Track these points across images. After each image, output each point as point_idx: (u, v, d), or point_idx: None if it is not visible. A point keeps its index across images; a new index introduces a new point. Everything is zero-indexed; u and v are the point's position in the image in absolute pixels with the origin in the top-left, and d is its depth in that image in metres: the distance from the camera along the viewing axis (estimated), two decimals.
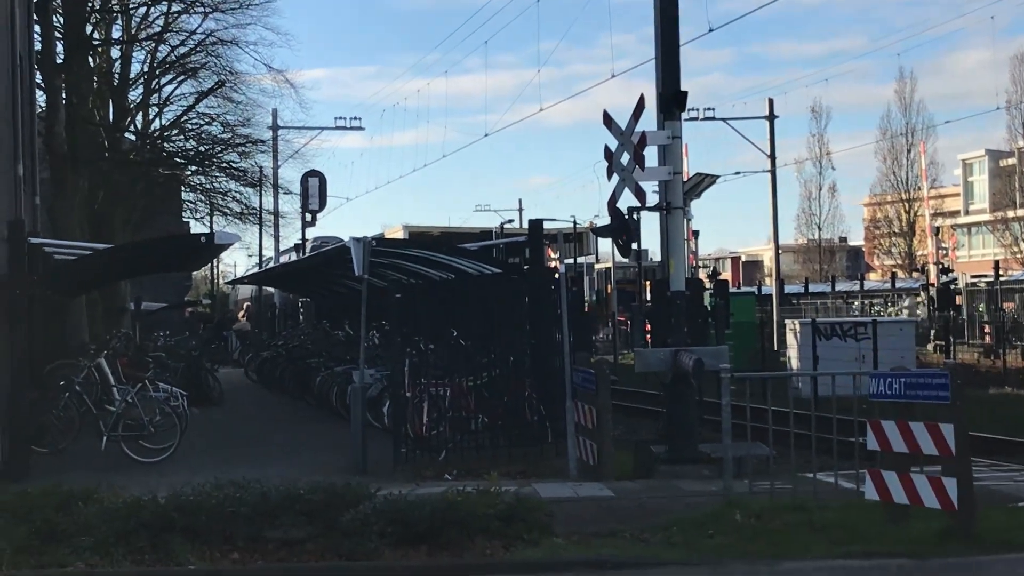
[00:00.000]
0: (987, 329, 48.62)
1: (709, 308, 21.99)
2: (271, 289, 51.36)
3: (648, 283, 37.72)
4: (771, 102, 57.46)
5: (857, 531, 12.15)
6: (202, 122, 46.33)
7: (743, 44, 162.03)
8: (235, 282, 68.52)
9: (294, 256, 49.57)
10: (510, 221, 66.88)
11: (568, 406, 17.13)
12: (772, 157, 52.52)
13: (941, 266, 68.69)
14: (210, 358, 35.51)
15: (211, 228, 44.58)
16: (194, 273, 57.99)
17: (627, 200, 17.90)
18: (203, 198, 47.65)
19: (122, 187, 40.01)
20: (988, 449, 18.64)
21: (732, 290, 50.24)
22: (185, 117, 46.21)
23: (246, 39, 44.61)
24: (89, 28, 42.19)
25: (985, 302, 52.68)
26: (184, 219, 47.27)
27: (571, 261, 46.36)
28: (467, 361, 19.73)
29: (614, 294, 53.34)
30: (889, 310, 59.14)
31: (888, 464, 12.31)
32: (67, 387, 20.55)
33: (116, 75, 44.03)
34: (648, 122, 17.56)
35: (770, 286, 55.64)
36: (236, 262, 64.36)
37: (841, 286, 65.17)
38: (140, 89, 45.43)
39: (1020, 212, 67.59)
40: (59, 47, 39.83)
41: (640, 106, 17.50)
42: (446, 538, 11.55)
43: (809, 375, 20.72)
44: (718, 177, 45.04)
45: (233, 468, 14.82)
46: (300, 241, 53.15)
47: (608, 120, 17.75)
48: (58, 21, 39.67)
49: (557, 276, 19.67)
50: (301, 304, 46.70)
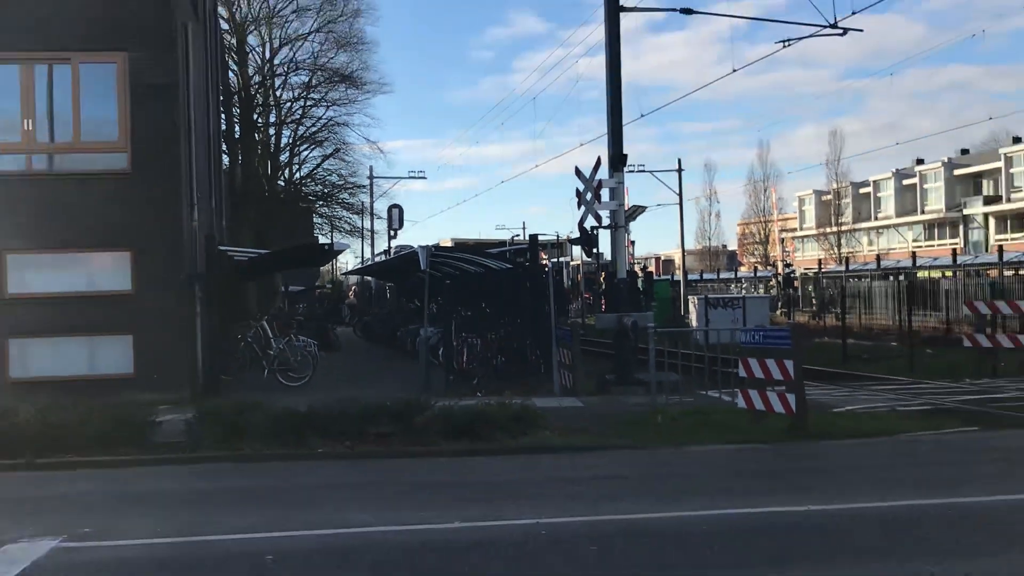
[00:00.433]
0: (813, 302, 48.73)
1: (641, 289, 21.99)
2: (369, 278, 51.06)
3: (603, 274, 37.73)
4: (679, 160, 57.22)
5: (733, 426, 12.18)
6: (325, 174, 46.66)
7: (662, 124, 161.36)
8: (347, 273, 68.44)
9: (383, 257, 49.47)
10: (517, 235, 66.21)
11: (554, 351, 17.16)
12: (680, 195, 51.98)
13: (785, 263, 68.74)
14: (331, 321, 35.58)
15: (331, 240, 44.51)
16: (321, 267, 57.94)
17: (589, 222, 17.86)
18: (326, 221, 47.89)
19: (275, 215, 40.07)
20: (814, 377, 18.52)
21: (655, 278, 50.16)
22: (315, 171, 46.59)
23: (353, 122, 45.20)
24: (255, 116, 42.35)
25: (812, 285, 52.54)
26: (314, 234, 47.13)
27: (555, 260, 46.14)
28: (490, 323, 19.75)
29: (582, 281, 52.93)
30: (753, 291, 58.85)
31: (752, 385, 12.32)
32: (243, 339, 20.63)
33: (272, 144, 44.20)
34: (602, 173, 17.52)
35: (679, 275, 55.28)
36: (347, 261, 64.14)
37: (724, 275, 64.64)
38: (287, 153, 45.65)
39: (833, 229, 67.75)
40: (236, 128, 39.99)
41: (597, 164, 17.45)
42: (478, 432, 11.56)
43: (703, 330, 20.62)
44: (646, 208, 44.80)
45: (346, 389, 14.85)
46: (387, 248, 52.96)
47: (578, 172, 17.70)
48: (235, 113, 39.86)
49: (546, 270, 19.67)
50: (387, 287, 46.45)
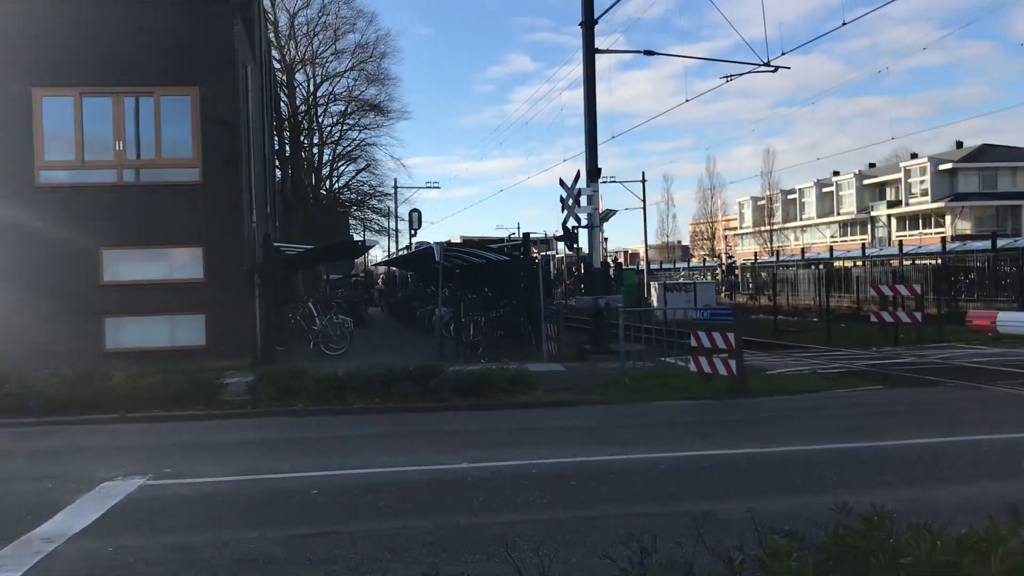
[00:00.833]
0: (750, 286, 48.66)
1: (612, 277, 21.94)
2: (394, 268, 50.89)
3: (582, 264, 37.71)
4: (643, 173, 57.37)
5: (687, 387, 12.16)
6: (359, 184, 46.75)
7: (629, 144, 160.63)
8: (376, 264, 68.13)
9: (405, 252, 49.26)
10: (514, 232, 66.21)
11: (543, 326, 17.13)
12: (644, 201, 51.85)
13: (728, 255, 68.58)
14: (364, 303, 35.46)
15: (363, 238, 44.54)
16: (355, 260, 57.87)
17: (571, 223, 17.80)
18: (359, 223, 48.01)
19: (319, 218, 40.09)
20: (751, 346, 18.44)
21: (624, 268, 50.07)
22: (350, 182, 46.70)
23: (380, 143, 45.60)
24: (301, 138, 42.22)
25: (749, 273, 52.45)
26: (350, 233, 46.96)
27: (544, 254, 45.94)
28: (492, 304, 19.70)
29: (565, 271, 52.82)
30: (702, 278, 58.81)
31: (701, 353, 12.32)
32: (293, 317, 20.61)
33: (315, 161, 44.11)
34: (581, 183, 17.43)
35: (643, 266, 55.17)
36: (376, 255, 63.98)
37: (679, 265, 64.51)
38: (328, 168, 45.54)
39: (766, 228, 67.68)
40: (287, 148, 39.81)
41: (577, 176, 17.38)
42: (483, 391, 11.54)
43: (662, 309, 20.63)
44: (616, 211, 44.41)
45: (376, 357, 14.79)
46: (408, 244, 52.77)
47: (562, 182, 17.62)
48: (286, 135, 39.70)
49: (536, 261, 19.66)
50: (409, 276, 46.32)
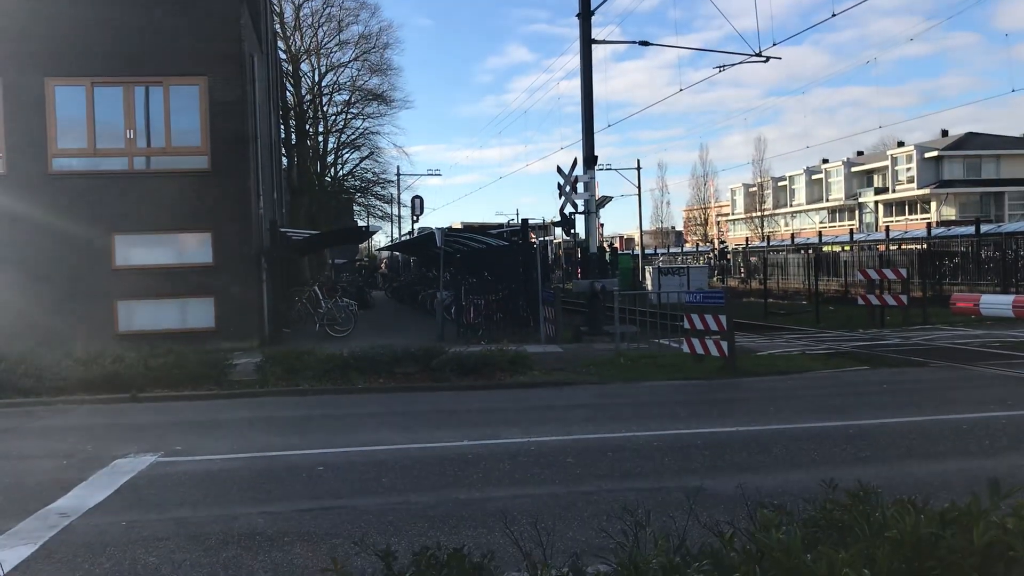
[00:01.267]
0: (741, 270, 48.63)
1: (608, 261, 21.94)
2: (397, 253, 50.84)
3: (579, 249, 37.66)
4: (638, 160, 58.73)
5: (680, 367, 12.17)
6: (362, 172, 46.63)
7: (625, 132, 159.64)
8: (380, 249, 68.06)
9: (407, 237, 49.16)
10: (513, 218, 66.11)
11: (541, 309, 17.13)
12: (639, 188, 51.70)
13: (720, 240, 68.46)
14: (368, 286, 35.45)
15: (367, 223, 44.46)
16: (359, 245, 57.78)
17: (568, 209, 17.75)
18: (363, 209, 47.87)
19: (324, 204, 39.96)
20: (742, 328, 18.47)
21: (619, 252, 50.07)
22: (354, 170, 46.47)
23: (383, 131, 45.56)
24: (307, 126, 42.01)
25: (741, 257, 52.42)
26: (354, 219, 46.81)
27: (542, 239, 45.92)
28: (491, 287, 19.65)
29: (563, 255, 52.79)
30: (695, 262, 58.80)
31: (693, 335, 12.33)
32: (299, 300, 20.57)
33: (320, 149, 43.91)
34: (578, 170, 17.33)
35: (638, 250, 55.14)
36: (380, 240, 63.93)
37: (672, 250, 64.46)
38: (332, 156, 45.33)
39: (757, 214, 67.53)
40: (293, 136, 39.61)
41: (574, 164, 17.29)
42: (483, 371, 11.55)
43: (656, 293, 20.62)
44: (612, 197, 44.37)
45: (379, 339, 14.79)
46: (411, 230, 52.68)
47: (559, 169, 17.54)
48: (292, 124, 39.49)
49: (535, 246, 19.59)
50: (411, 260, 46.27)
